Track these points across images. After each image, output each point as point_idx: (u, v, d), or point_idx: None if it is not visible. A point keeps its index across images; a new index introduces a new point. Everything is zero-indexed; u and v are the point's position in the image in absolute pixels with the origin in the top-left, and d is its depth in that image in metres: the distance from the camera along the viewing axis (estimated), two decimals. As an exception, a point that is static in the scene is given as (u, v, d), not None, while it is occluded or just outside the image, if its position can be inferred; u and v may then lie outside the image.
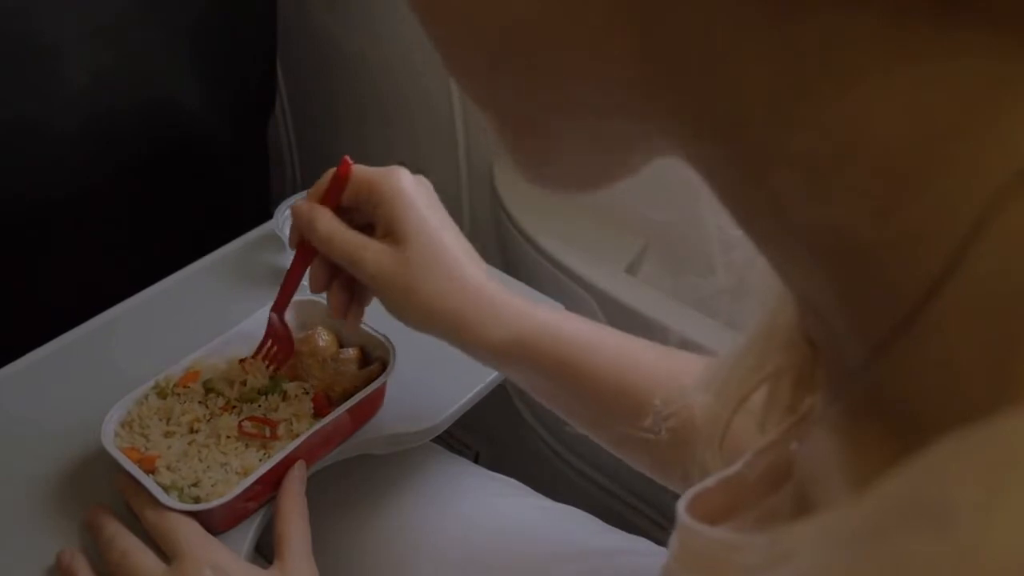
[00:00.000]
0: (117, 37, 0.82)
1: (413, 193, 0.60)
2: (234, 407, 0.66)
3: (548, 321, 0.59)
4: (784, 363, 0.31)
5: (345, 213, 0.61)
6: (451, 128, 0.99)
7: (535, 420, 1.12)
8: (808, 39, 0.18)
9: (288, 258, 0.82)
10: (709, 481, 0.30)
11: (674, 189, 0.80)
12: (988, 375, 0.17)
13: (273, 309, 0.68)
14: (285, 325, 0.69)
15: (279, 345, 0.69)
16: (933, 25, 0.17)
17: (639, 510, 1.06)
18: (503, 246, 0.99)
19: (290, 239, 0.64)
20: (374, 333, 0.70)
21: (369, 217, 0.61)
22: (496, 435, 1.14)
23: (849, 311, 0.21)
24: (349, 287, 0.63)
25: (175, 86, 0.89)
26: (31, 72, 0.77)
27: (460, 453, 0.85)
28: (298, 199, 0.83)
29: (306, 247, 0.62)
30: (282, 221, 0.81)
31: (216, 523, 0.61)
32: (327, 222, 0.60)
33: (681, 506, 0.28)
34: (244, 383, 0.67)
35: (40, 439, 0.67)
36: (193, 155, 0.94)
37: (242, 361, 0.69)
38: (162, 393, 0.66)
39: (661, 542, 0.76)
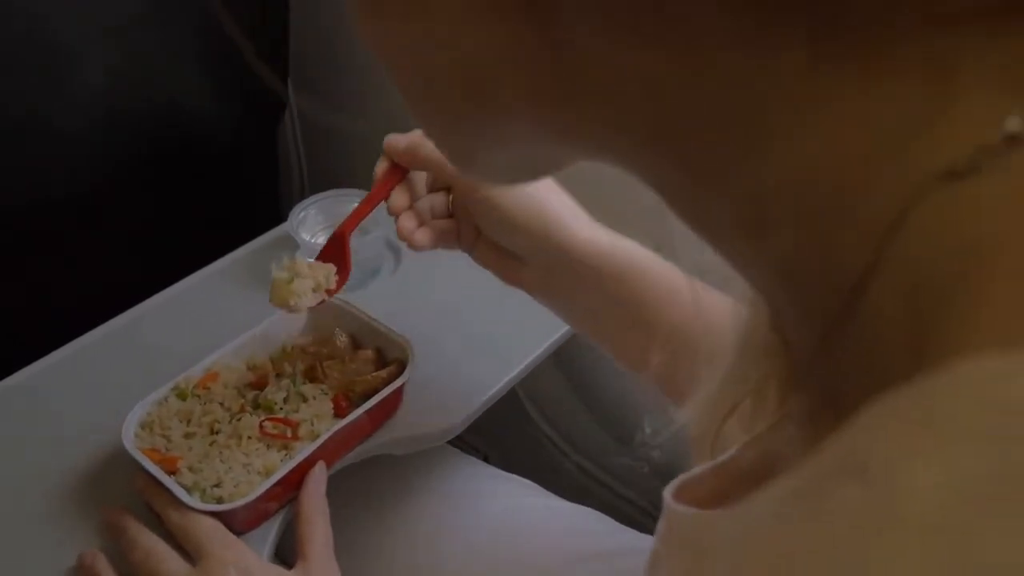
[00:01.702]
0: (127, 38, 0.82)
1: None
2: (258, 406, 0.66)
3: (637, 256, 0.60)
4: (768, 368, 0.31)
5: None
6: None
7: (544, 422, 1.12)
8: (725, 85, 0.20)
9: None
10: (698, 469, 0.31)
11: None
12: (908, 350, 0.19)
13: (342, 228, 0.65)
14: (347, 249, 0.66)
15: (337, 267, 0.66)
16: (844, 62, 0.19)
17: (647, 511, 1.06)
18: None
19: (379, 168, 0.63)
20: (391, 334, 0.70)
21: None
22: (505, 437, 1.14)
23: (799, 311, 0.23)
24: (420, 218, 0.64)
25: (185, 87, 0.90)
26: (42, 72, 0.77)
27: (470, 455, 0.85)
28: (316, 200, 0.83)
29: (391, 174, 0.62)
30: (297, 223, 0.81)
31: (238, 524, 0.61)
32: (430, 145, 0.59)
33: (667, 492, 0.29)
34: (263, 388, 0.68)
35: (59, 441, 0.67)
36: (203, 157, 0.94)
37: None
38: (182, 395, 0.66)
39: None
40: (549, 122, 0.25)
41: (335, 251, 0.65)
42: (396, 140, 0.62)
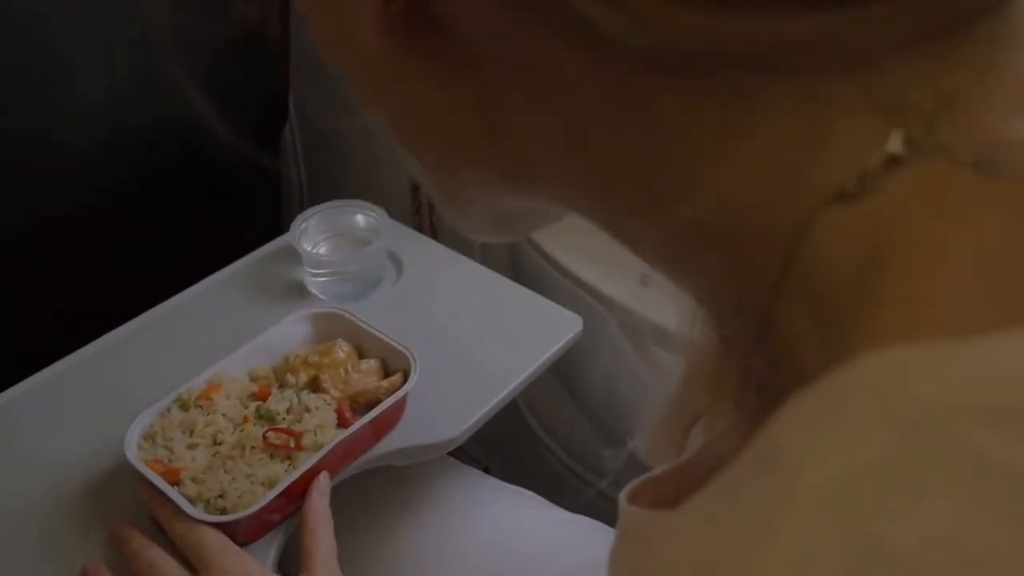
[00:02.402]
0: (128, 54, 0.82)
1: None
2: (261, 417, 0.66)
3: None
4: (722, 374, 0.32)
5: None
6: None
7: (544, 433, 1.12)
8: (637, 147, 0.22)
9: (302, 271, 0.83)
10: (656, 471, 0.31)
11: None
12: (817, 349, 0.21)
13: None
14: None
15: None
16: (726, 105, 0.21)
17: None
18: (514, 257, 1.00)
19: None
20: (394, 344, 0.70)
21: None
22: (505, 448, 1.14)
23: (733, 318, 0.25)
24: None
25: (188, 103, 0.90)
26: (48, 87, 0.77)
27: (470, 466, 0.85)
28: (317, 211, 0.84)
29: None
30: (298, 234, 0.81)
31: (242, 535, 0.61)
32: None
33: (622, 495, 0.30)
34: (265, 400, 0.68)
35: (62, 454, 0.67)
36: (205, 171, 0.95)
37: None
38: (184, 406, 0.66)
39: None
40: (496, 181, 0.27)
41: None
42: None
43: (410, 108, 0.26)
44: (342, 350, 0.71)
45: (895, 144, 0.20)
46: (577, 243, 0.91)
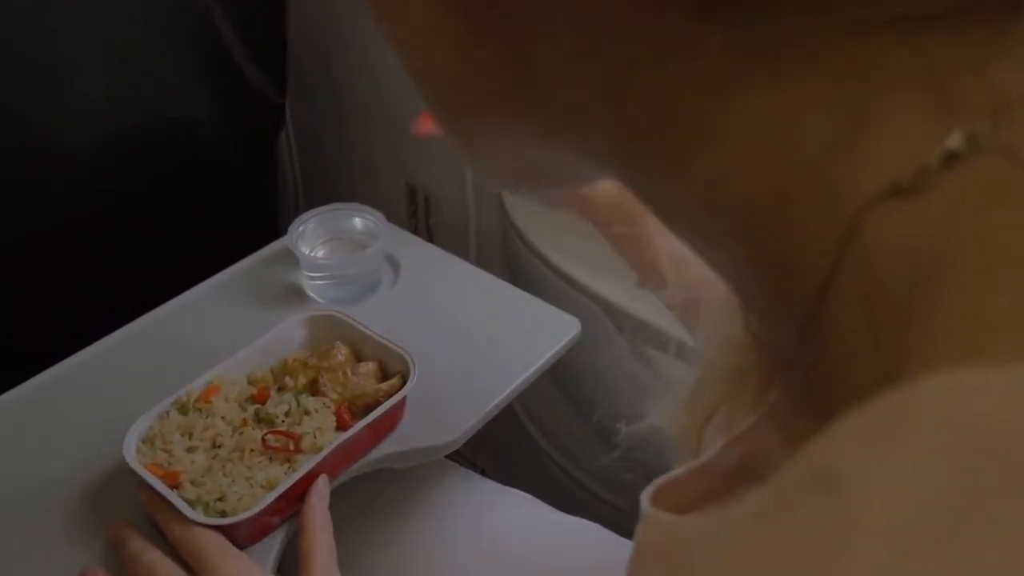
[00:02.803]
0: (127, 56, 0.82)
1: None
2: (260, 420, 0.66)
3: None
4: (745, 366, 0.32)
5: None
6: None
7: (541, 435, 1.12)
8: (666, 99, 0.21)
9: (300, 274, 0.83)
10: (677, 472, 0.31)
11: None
12: (872, 361, 0.20)
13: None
14: None
15: None
16: (778, 75, 0.20)
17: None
18: (511, 259, 1.00)
19: None
20: (392, 347, 0.70)
21: None
22: (502, 451, 1.15)
23: (773, 312, 0.23)
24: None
25: (186, 104, 0.90)
26: (45, 89, 0.77)
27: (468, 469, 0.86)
28: (315, 214, 0.84)
29: None
30: (296, 237, 0.81)
31: (241, 537, 0.61)
32: None
33: (644, 497, 0.29)
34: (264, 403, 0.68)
35: (60, 457, 0.67)
36: (203, 173, 0.95)
37: None
38: (183, 409, 0.66)
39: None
40: (522, 131, 0.26)
41: None
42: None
43: (441, 49, 0.25)
44: (340, 353, 0.71)
45: (956, 140, 0.19)
46: (574, 245, 0.91)
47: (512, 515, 0.76)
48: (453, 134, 0.29)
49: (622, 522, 1.06)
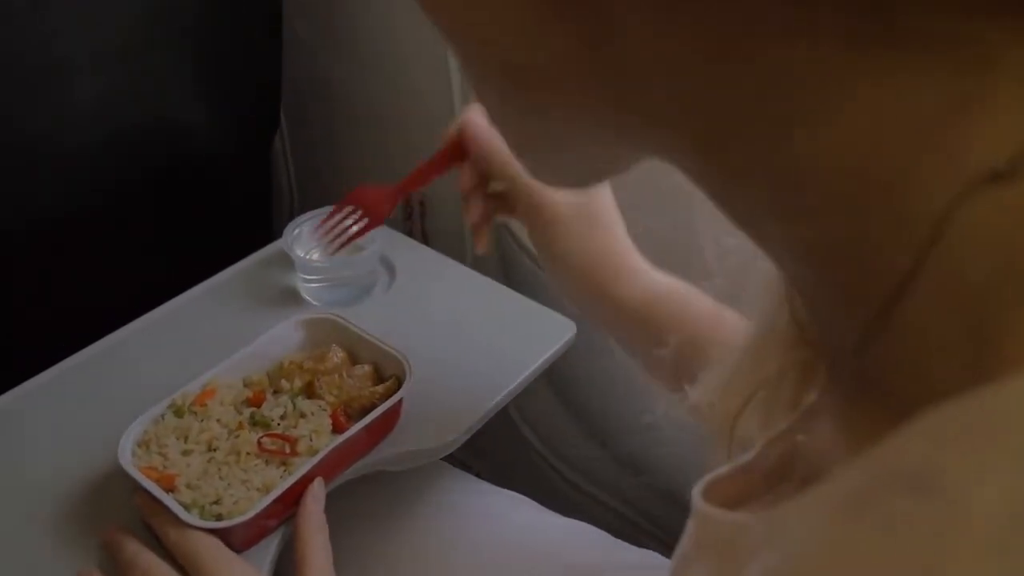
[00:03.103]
0: (125, 57, 0.82)
1: None
2: (256, 423, 0.65)
3: (676, 291, 0.61)
4: (786, 362, 0.32)
5: None
6: (453, 147, 0.99)
7: (535, 438, 1.12)
8: (767, 71, 0.20)
9: (295, 276, 0.83)
10: (722, 469, 0.31)
11: (669, 199, 0.81)
12: (962, 356, 0.19)
13: (402, 186, 0.66)
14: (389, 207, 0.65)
15: (369, 211, 0.65)
16: (885, 49, 0.19)
17: (640, 527, 1.06)
18: (506, 262, 1.00)
19: (447, 139, 0.63)
20: (388, 349, 0.70)
21: None
22: (495, 454, 1.14)
23: (836, 303, 0.23)
24: (487, 202, 0.65)
25: (181, 106, 0.90)
26: (40, 90, 0.77)
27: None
28: (310, 217, 0.84)
29: (455, 152, 0.62)
30: (291, 240, 0.81)
31: (237, 541, 0.60)
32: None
33: (696, 492, 0.29)
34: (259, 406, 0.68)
35: (55, 461, 0.67)
36: (198, 175, 0.94)
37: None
38: (179, 412, 0.66)
39: (669, 556, 0.76)
40: (594, 116, 0.25)
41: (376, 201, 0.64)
42: (474, 126, 0.62)
43: (514, 27, 0.24)
44: (336, 356, 0.71)
45: None
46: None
47: (509, 516, 0.76)
48: (516, 131, 0.28)
49: (616, 524, 1.06)
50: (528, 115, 0.27)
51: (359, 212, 0.65)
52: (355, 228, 0.65)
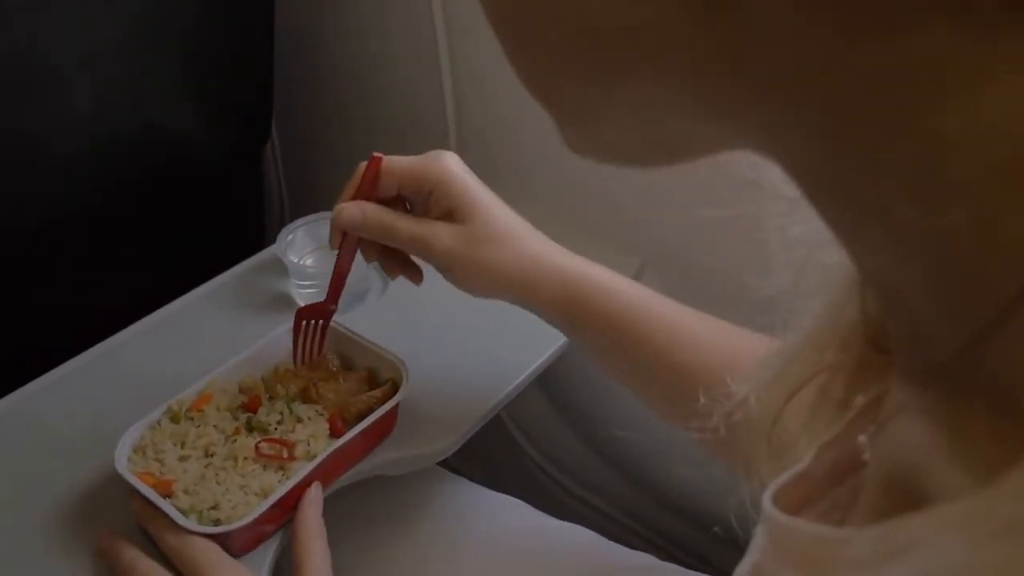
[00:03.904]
0: (118, 62, 0.82)
1: (463, 173, 0.64)
2: (252, 429, 0.65)
3: (603, 280, 0.62)
4: (839, 361, 0.32)
5: (386, 204, 0.65)
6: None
7: (527, 442, 1.13)
8: (903, 54, 0.19)
9: (289, 282, 0.83)
10: (784, 476, 0.31)
11: (672, 207, 0.82)
12: None
13: (323, 312, 0.71)
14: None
15: (320, 315, 0.71)
16: None
17: (634, 531, 1.07)
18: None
19: (331, 239, 0.66)
20: (384, 354, 0.71)
21: (420, 204, 0.65)
22: (487, 458, 1.15)
23: (947, 302, 0.22)
24: (398, 256, 0.67)
25: (174, 112, 0.90)
26: (33, 95, 0.77)
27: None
28: (304, 223, 0.84)
29: (350, 242, 0.65)
30: (285, 246, 0.81)
31: (236, 546, 0.60)
32: (384, 214, 0.63)
33: (767, 500, 0.29)
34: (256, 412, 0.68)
35: (50, 467, 0.66)
36: (190, 180, 0.94)
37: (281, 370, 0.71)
38: (175, 417, 0.66)
39: (660, 559, 0.77)
40: (701, 90, 0.23)
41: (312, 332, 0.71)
42: (359, 218, 0.64)
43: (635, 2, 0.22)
44: (332, 361, 0.71)
45: None
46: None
47: (506, 520, 0.76)
48: (564, 83, 0.25)
49: (607, 527, 1.06)
50: (595, 82, 0.24)
51: (313, 323, 0.71)
52: (318, 335, 0.71)
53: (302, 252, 0.83)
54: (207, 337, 0.78)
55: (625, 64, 0.23)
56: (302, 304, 0.82)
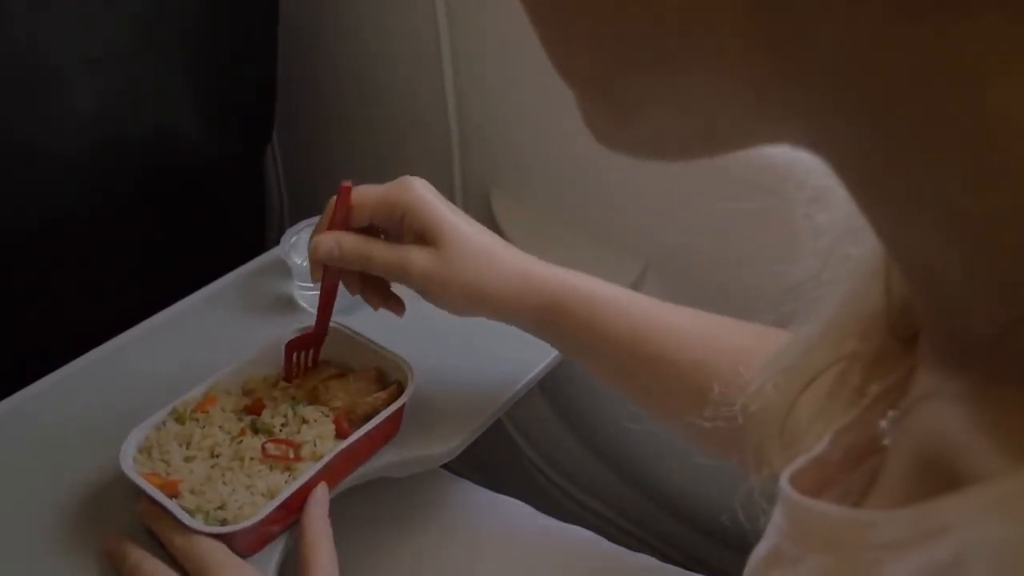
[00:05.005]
0: (118, 63, 0.82)
1: (432, 196, 0.64)
2: (257, 430, 0.65)
3: (582, 286, 0.62)
4: (860, 349, 0.32)
5: (362, 232, 0.65)
6: (447, 155, 1.00)
7: (527, 445, 1.13)
8: (954, 38, 0.19)
9: (292, 284, 0.83)
10: (800, 460, 0.31)
11: (674, 210, 0.82)
12: None
13: (313, 340, 0.71)
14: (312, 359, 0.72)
15: (312, 343, 0.72)
16: None
17: (633, 533, 1.07)
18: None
19: (312, 273, 0.66)
20: (390, 355, 0.71)
21: (394, 230, 0.65)
22: (487, 461, 1.15)
23: (990, 286, 0.22)
24: (380, 285, 0.68)
25: (174, 112, 0.90)
26: (35, 98, 0.77)
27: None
28: (307, 224, 0.84)
29: (332, 273, 0.65)
30: (289, 247, 0.81)
31: (243, 546, 0.60)
32: (359, 243, 0.63)
33: (786, 483, 0.29)
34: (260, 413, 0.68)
35: (55, 468, 0.66)
36: (190, 181, 0.94)
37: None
38: (180, 419, 0.66)
39: (661, 562, 0.77)
40: (752, 78, 0.23)
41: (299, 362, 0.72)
42: (335, 250, 0.64)
43: None
44: (337, 362, 0.71)
45: None
46: (565, 256, 0.91)
47: (510, 521, 0.76)
48: (646, 75, 0.25)
49: (607, 530, 1.06)
50: (656, 69, 0.24)
51: (304, 352, 0.72)
52: (310, 360, 0.72)
53: (306, 254, 0.83)
54: (211, 339, 0.77)
55: (682, 52, 0.23)
56: (305, 307, 0.82)
